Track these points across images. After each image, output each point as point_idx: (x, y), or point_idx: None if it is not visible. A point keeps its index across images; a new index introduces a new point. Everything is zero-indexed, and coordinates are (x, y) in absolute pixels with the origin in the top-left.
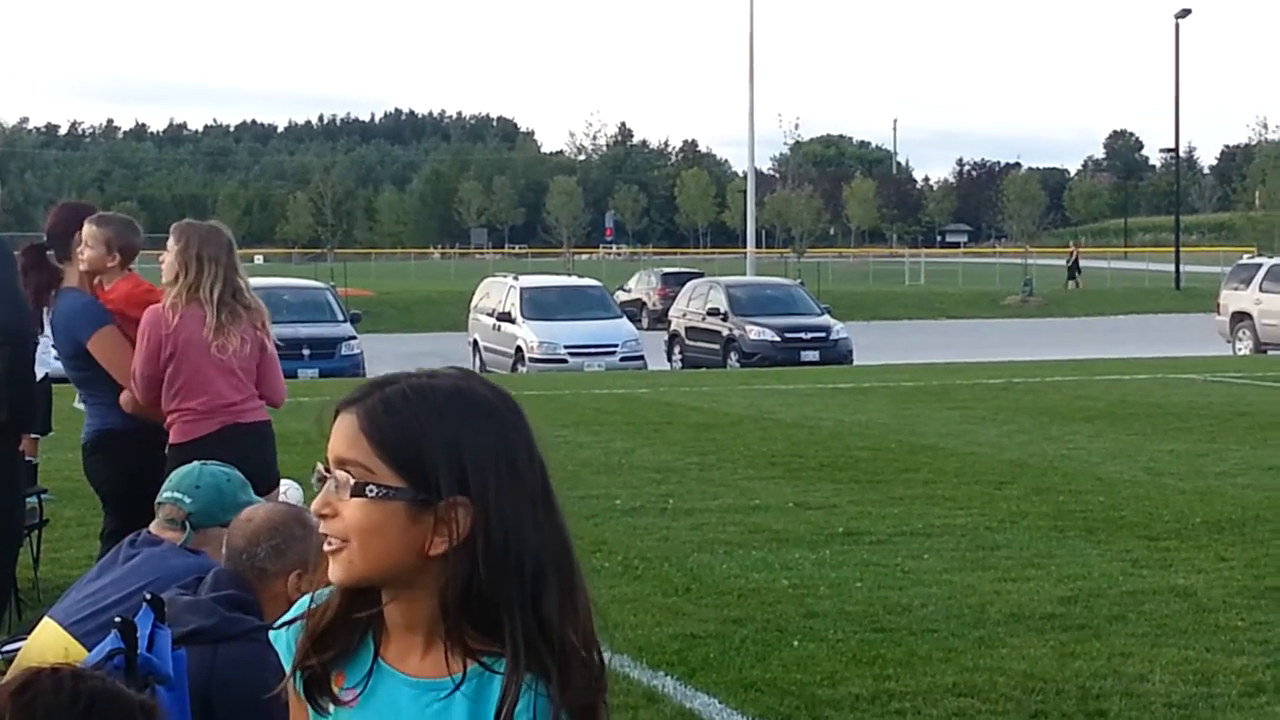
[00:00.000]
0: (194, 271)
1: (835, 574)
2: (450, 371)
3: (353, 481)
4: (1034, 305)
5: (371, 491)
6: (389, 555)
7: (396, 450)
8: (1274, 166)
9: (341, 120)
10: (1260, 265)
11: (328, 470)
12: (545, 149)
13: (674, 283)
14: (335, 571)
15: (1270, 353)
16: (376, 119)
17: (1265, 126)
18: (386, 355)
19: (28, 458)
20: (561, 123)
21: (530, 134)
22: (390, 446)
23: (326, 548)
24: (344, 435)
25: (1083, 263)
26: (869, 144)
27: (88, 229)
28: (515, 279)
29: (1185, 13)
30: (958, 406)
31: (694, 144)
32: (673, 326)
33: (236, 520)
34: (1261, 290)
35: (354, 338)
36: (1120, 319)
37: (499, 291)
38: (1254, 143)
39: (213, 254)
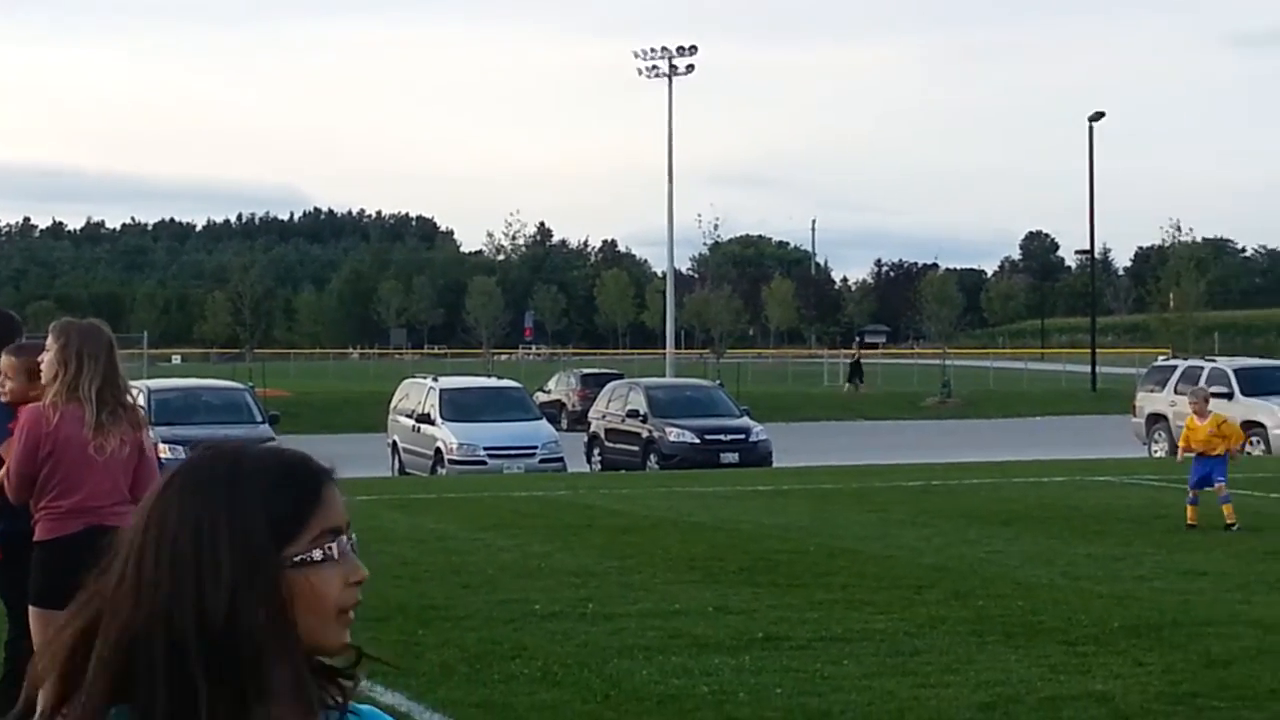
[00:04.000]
0: (73, 369)
1: (755, 680)
2: None
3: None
4: (952, 406)
5: None
6: None
7: None
8: (1187, 268)
9: (260, 219)
10: (1175, 367)
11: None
12: (465, 248)
13: (593, 384)
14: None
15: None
16: (295, 218)
17: (1179, 228)
18: None
19: None
20: (480, 222)
21: (449, 233)
22: None
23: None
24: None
25: (997, 364)
26: (788, 244)
27: (7, 360)
28: (434, 380)
29: (1099, 115)
30: (877, 509)
31: (613, 244)
32: (592, 428)
33: None
34: (1176, 392)
35: (273, 439)
36: (1037, 420)
37: (418, 393)
38: (1168, 244)
39: (92, 351)
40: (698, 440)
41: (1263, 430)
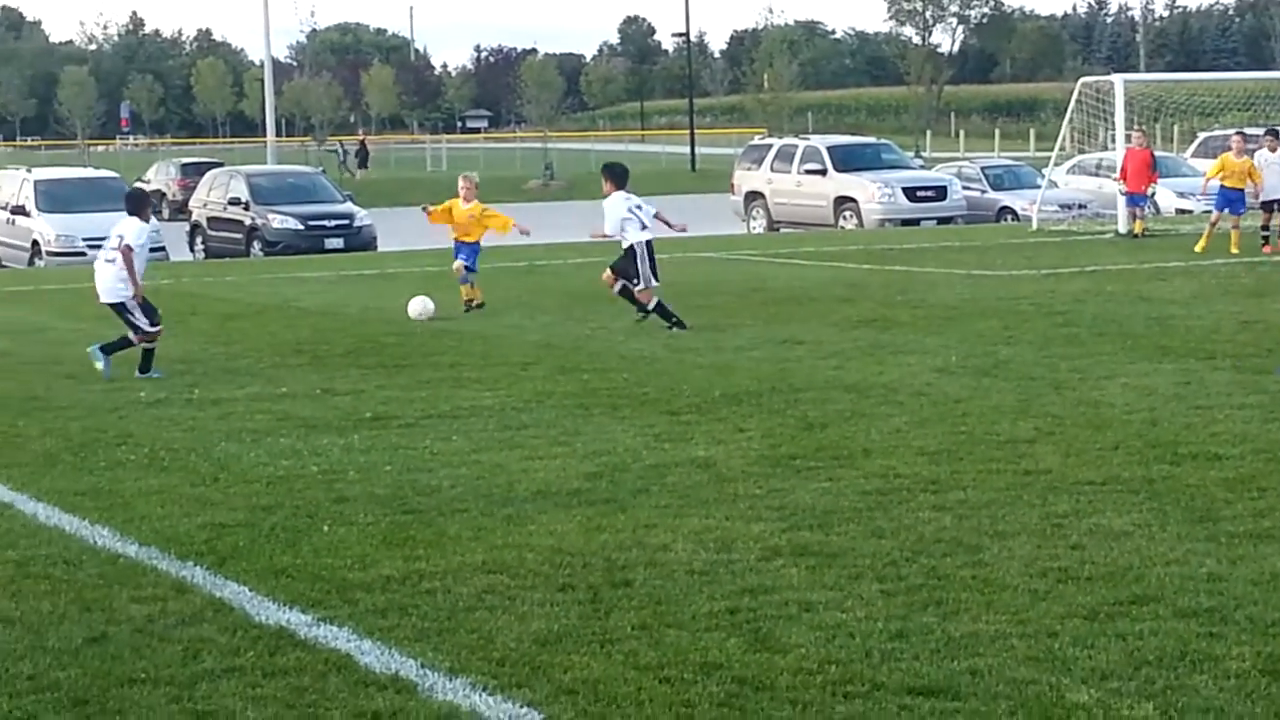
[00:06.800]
0: None
1: (364, 458)
2: None
3: None
4: (555, 189)
5: None
6: None
7: None
8: (780, 50)
9: None
10: (770, 146)
11: None
12: (54, 39)
13: (194, 173)
14: None
15: (782, 230)
16: None
17: (771, 11)
18: None
19: None
20: (70, 12)
21: (37, 23)
22: None
23: None
24: None
25: (598, 146)
26: (386, 31)
27: None
28: (28, 171)
29: None
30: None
31: (209, 33)
32: (194, 217)
33: None
34: (773, 170)
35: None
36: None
37: (11, 184)
38: (761, 27)
39: None
40: (301, 226)
41: (855, 205)
